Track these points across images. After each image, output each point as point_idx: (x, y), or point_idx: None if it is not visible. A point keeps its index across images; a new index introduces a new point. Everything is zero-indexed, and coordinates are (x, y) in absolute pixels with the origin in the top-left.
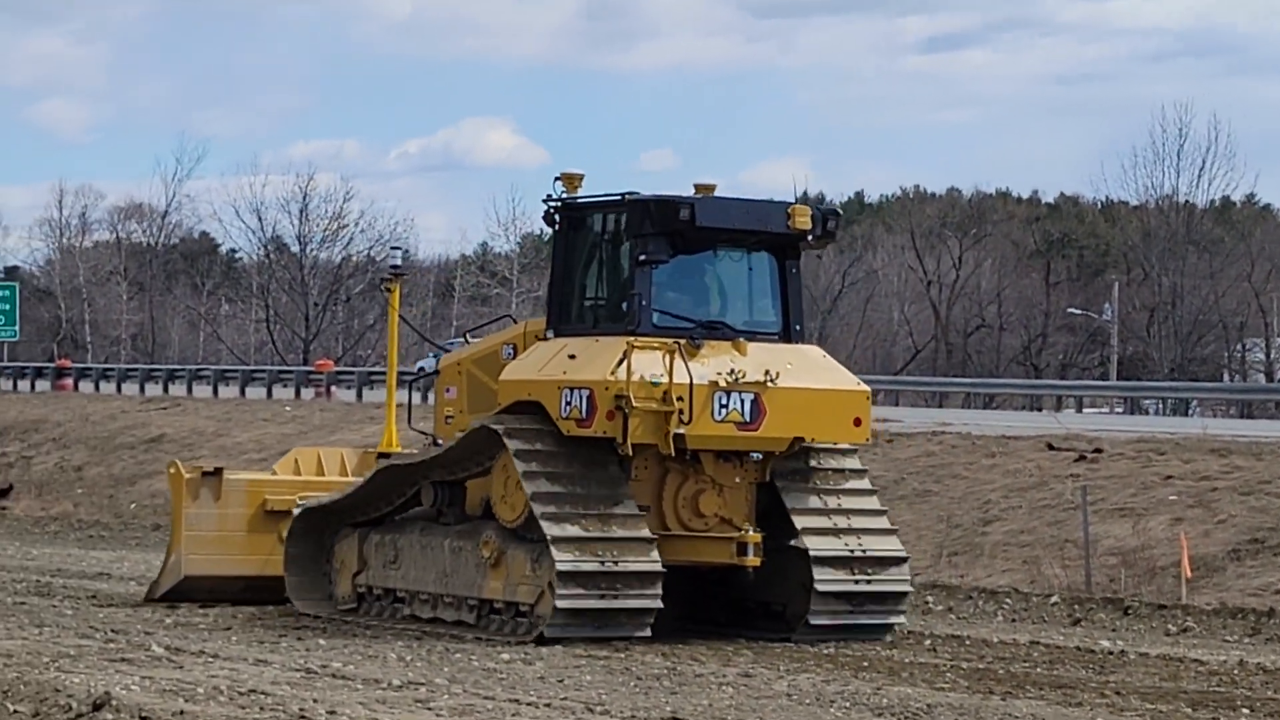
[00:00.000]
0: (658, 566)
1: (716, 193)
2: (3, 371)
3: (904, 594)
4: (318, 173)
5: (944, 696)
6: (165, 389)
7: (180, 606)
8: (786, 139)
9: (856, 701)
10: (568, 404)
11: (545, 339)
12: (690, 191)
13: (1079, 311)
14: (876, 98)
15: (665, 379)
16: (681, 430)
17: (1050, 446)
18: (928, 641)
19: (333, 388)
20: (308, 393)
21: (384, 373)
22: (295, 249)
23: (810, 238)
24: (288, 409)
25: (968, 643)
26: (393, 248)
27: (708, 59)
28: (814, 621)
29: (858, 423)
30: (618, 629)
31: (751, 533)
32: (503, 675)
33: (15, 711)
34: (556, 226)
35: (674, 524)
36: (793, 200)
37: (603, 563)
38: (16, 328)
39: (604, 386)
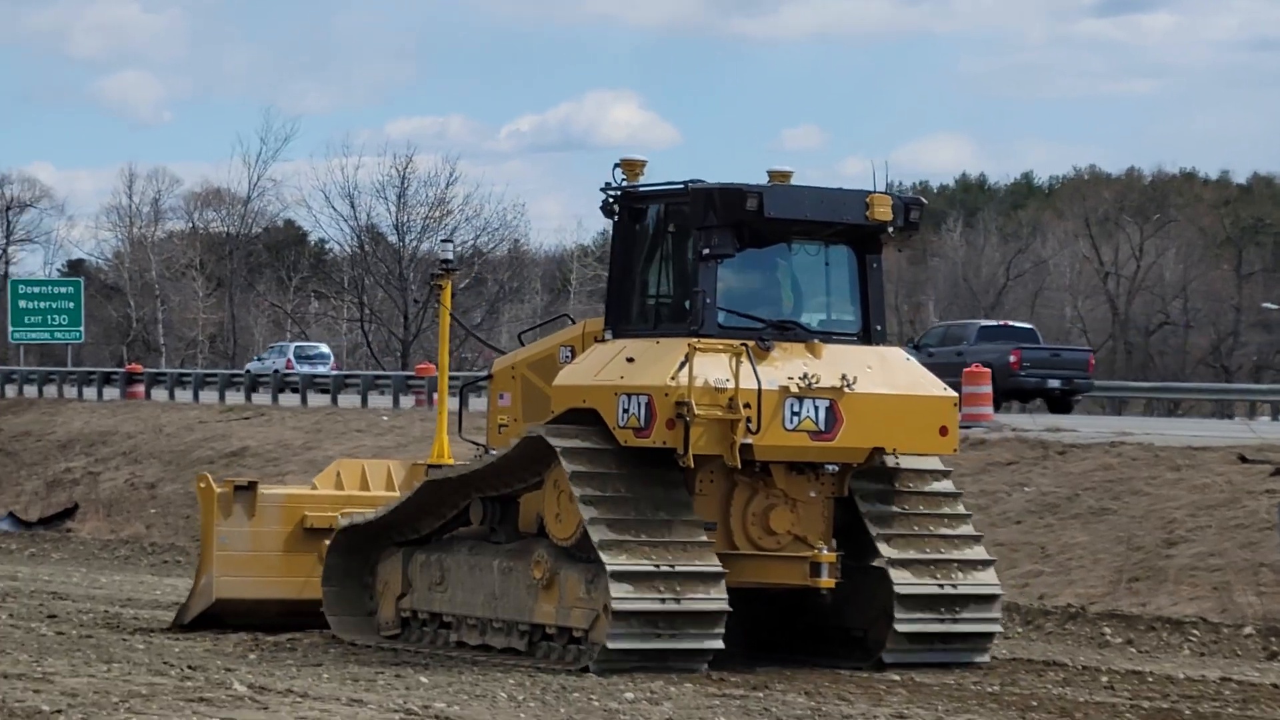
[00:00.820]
0: (724, 605)
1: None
2: (67, 378)
3: (994, 596)
4: (418, 154)
5: None
6: (248, 397)
7: (264, 641)
8: (945, 114)
9: None
10: (625, 411)
11: (603, 340)
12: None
13: (1275, 306)
14: (1046, 67)
15: (731, 384)
16: (749, 440)
17: (1243, 459)
18: (1104, 678)
19: (434, 395)
20: (407, 400)
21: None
22: (393, 239)
23: (891, 229)
24: (384, 418)
25: (1150, 680)
26: (443, 241)
27: (856, 25)
28: (900, 629)
29: (944, 432)
30: (683, 639)
31: (826, 552)
32: (626, 717)
33: None
34: (616, 218)
35: (742, 542)
36: (874, 189)
37: (664, 600)
38: (81, 329)
39: (663, 393)
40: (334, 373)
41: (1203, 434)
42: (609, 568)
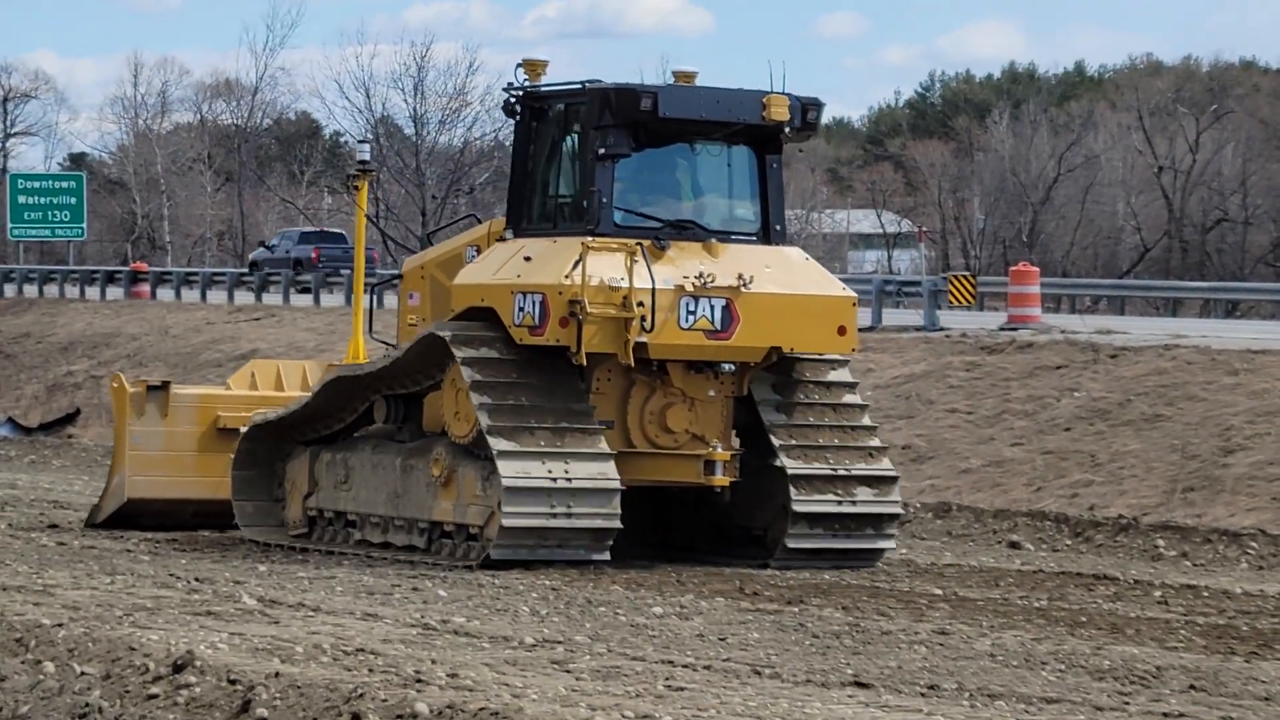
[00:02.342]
0: (614, 483)
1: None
2: (69, 277)
3: (893, 516)
4: (436, 41)
5: (1176, 657)
6: (258, 296)
7: (274, 551)
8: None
9: (1072, 664)
10: (521, 310)
11: (504, 240)
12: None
13: None
14: None
15: (625, 283)
16: (644, 339)
17: None
18: (1158, 592)
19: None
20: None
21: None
22: (409, 131)
23: (788, 129)
24: None
25: (1205, 594)
26: (360, 142)
27: None
28: (791, 545)
29: (842, 331)
30: (573, 551)
31: (720, 450)
32: (654, 632)
33: (83, 673)
34: (518, 118)
35: (640, 441)
36: (770, 89)
37: (554, 478)
38: (84, 225)
39: (557, 291)
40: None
41: (1262, 336)
42: (498, 448)
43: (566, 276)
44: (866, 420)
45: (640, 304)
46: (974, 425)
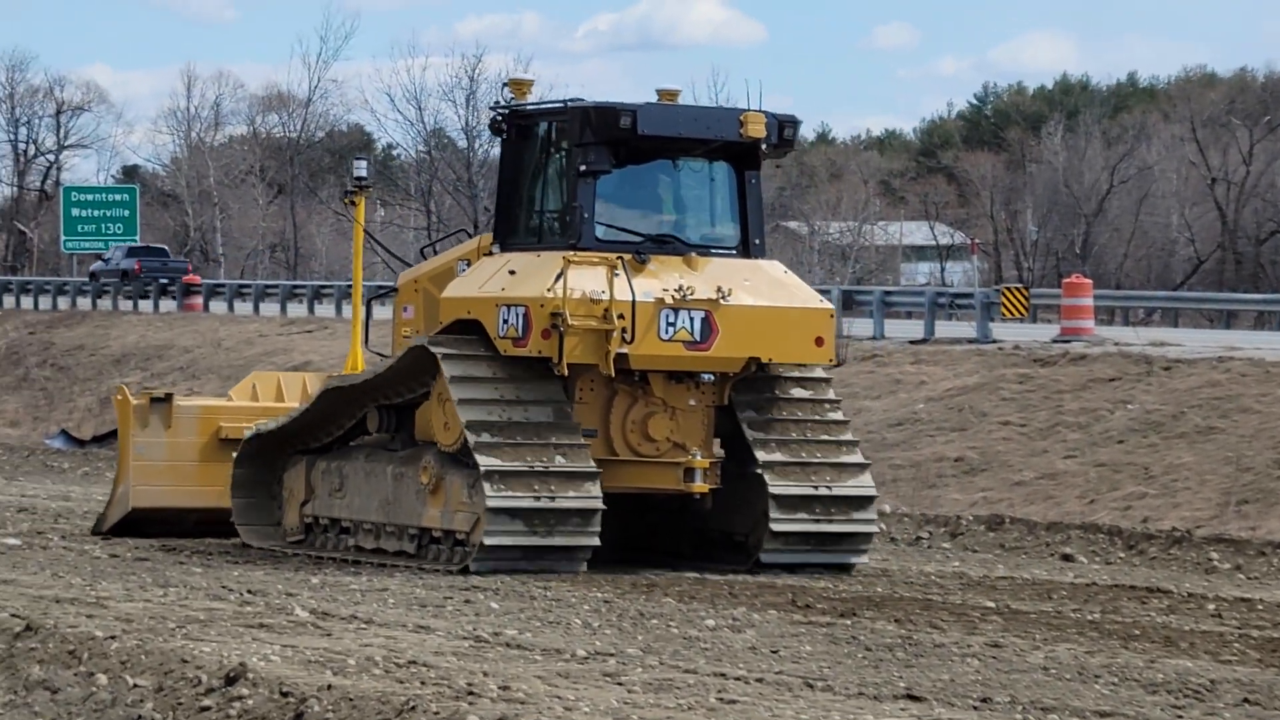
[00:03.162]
0: (597, 503)
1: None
2: (122, 289)
3: (870, 498)
4: (487, 53)
5: (1230, 671)
6: (310, 309)
7: (326, 564)
8: (1046, 9)
9: (1125, 676)
10: (505, 322)
11: (491, 254)
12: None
13: None
14: None
15: (606, 296)
16: (624, 350)
17: None
18: (1211, 606)
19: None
20: None
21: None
22: (461, 144)
23: (765, 146)
24: None
25: (1259, 607)
26: (357, 158)
27: None
28: (775, 529)
29: (820, 342)
30: (552, 564)
31: (699, 457)
32: (706, 645)
33: (136, 685)
34: (504, 136)
35: (622, 449)
36: (747, 108)
37: (538, 498)
38: (137, 237)
39: (539, 304)
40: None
41: None
42: (483, 468)
43: (549, 289)
44: (840, 416)
45: (621, 316)
46: (1027, 438)
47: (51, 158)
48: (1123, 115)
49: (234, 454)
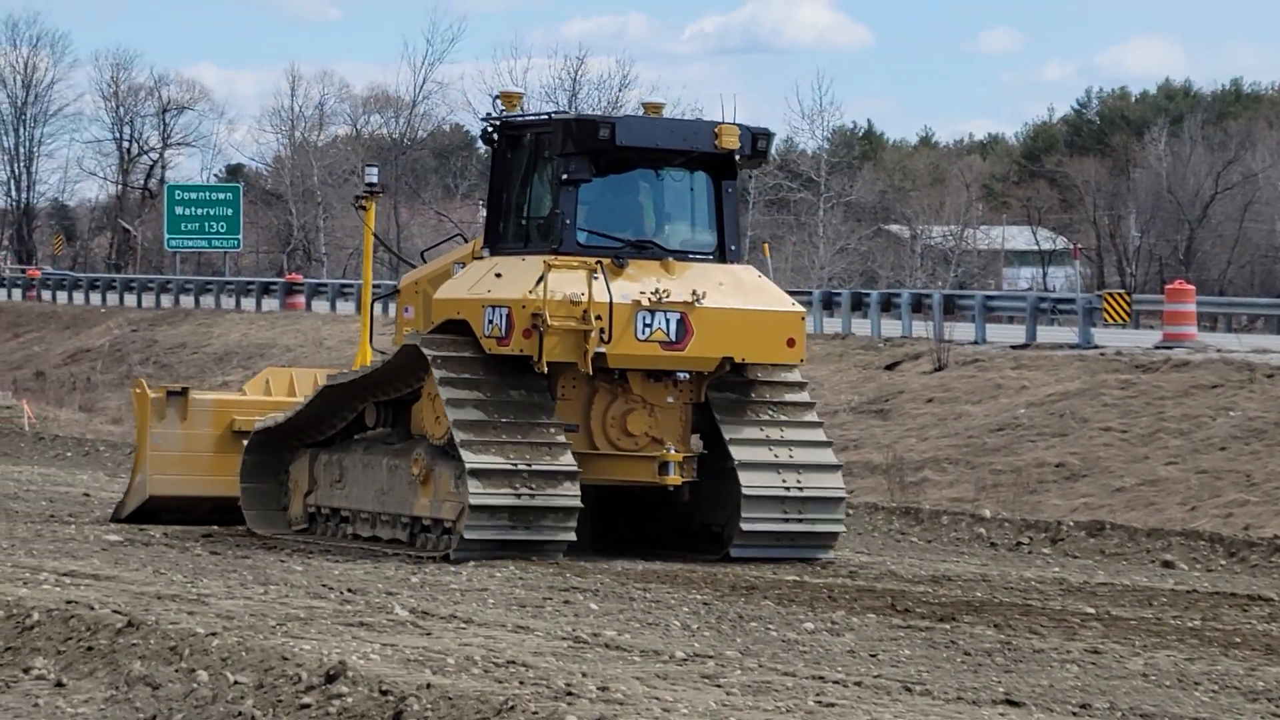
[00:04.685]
0: (576, 502)
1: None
2: (225, 288)
3: (839, 499)
4: (590, 55)
5: None
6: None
7: (426, 563)
8: (1151, 15)
9: (1225, 684)
10: (490, 322)
11: (481, 258)
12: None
13: None
14: None
15: (585, 297)
16: (603, 349)
17: None
18: None
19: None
20: None
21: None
22: None
23: (739, 157)
24: None
25: None
26: (367, 166)
27: None
28: (745, 528)
29: (791, 343)
30: (538, 530)
31: (673, 451)
32: (805, 648)
33: (236, 682)
34: (495, 146)
35: (602, 443)
36: (722, 119)
37: (518, 495)
38: (239, 236)
39: (521, 305)
40: None
41: None
42: (468, 466)
43: (530, 291)
44: (813, 416)
45: (598, 317)
46: (1128, 444)
47: (155, 156)
48: (1227, 121)
49: (244, 443)
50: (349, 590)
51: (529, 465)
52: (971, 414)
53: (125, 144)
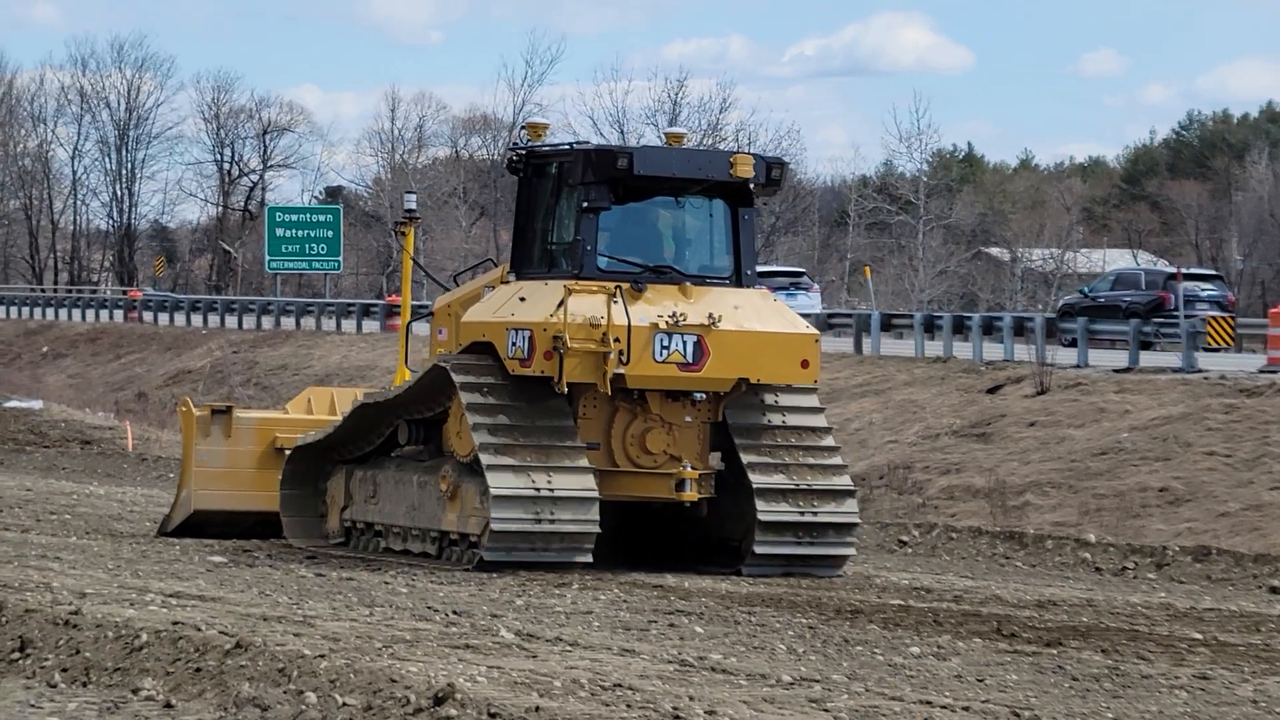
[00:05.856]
0: (593, 493)
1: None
2: (325, 309)
3: (852, 525)
4: (690, 78)
5: None
6: None
7: (531, 585)
8: (1254, 37)
9: None
10: (513, 344)
11: (508, 282)
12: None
13: None
14: None
15: (604, 320)
16: (621, 370)
17: None
18: None
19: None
20: None
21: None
22: None
23: (753, 185)
24: None
25: None
26: (407, 193)
27: None
28: (759, 551)
29: (805, 364)
30: (555, 553)
31: (689, 469)
32: (912, 673)
33: (345, 704)
34: (521, 175)
35: (622, 460)
36: (736, 149)
37: (537, 488)
38: (339, 258)
39: (542, 328)
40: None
41: None
42: (492, 491)
43: (551, 315)
44: (830, 441)
45: (617, 339)
46: (1232, 468)
47: (255, 178)
48: None
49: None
50: (454, 612)
51: (550, 490)
52: (1074, 438)
53: (226, 166)
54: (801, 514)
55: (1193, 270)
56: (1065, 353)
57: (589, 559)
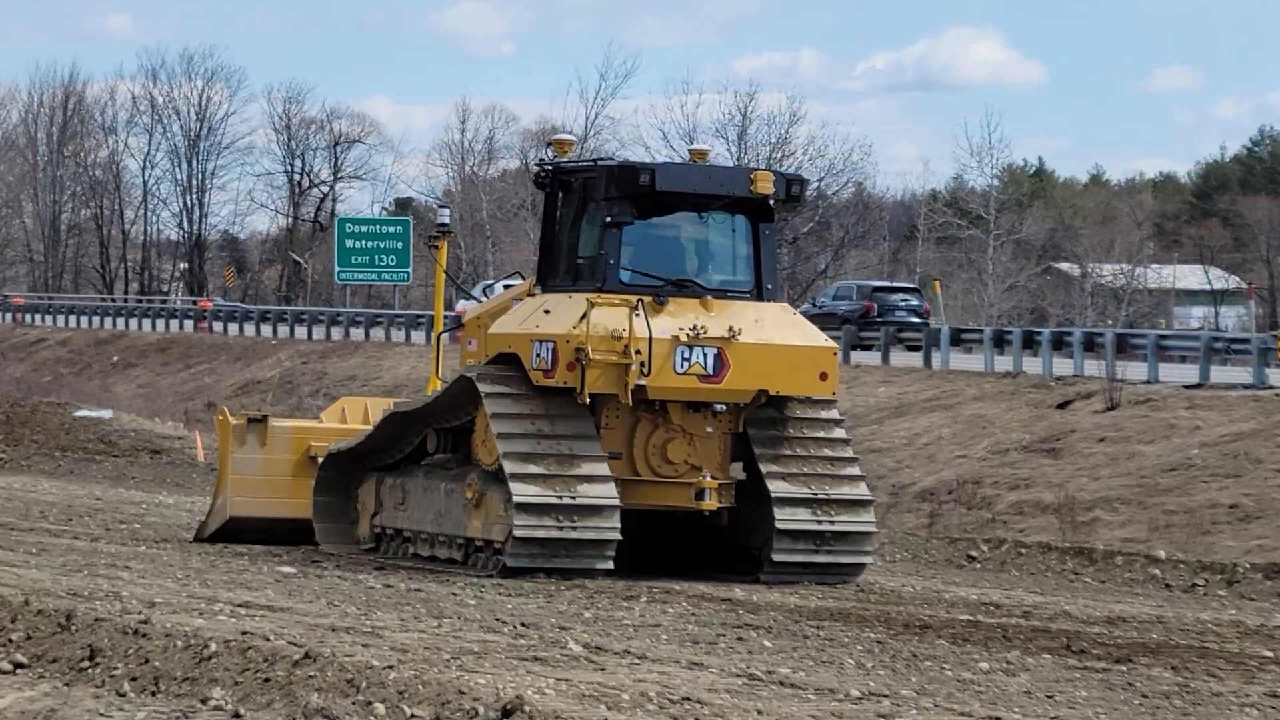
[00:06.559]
0: (614, 500)
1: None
2: (394, 320)
3: (869, 534)
4: (760, 91)
5: None
6: None
7: (599, 597)
8: None
9: None
10: (537, 355)
11: (534, 295)
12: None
13: None
14: None
15: (626, 333)
16: (642, 381)
17: None
18: None
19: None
20: None
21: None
22: None
23: (773, 201)
24: None
25: None
26: (440, 206)
27: None
28: (777, 559)
29: (824, 377)
30: (577, 560)
31: (709, 478)
32: (980, 688)
33: (413, 715)
34: (547, 190)
35: (644, 470)
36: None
37: (559, 496)
38: (409, 270)
39: (565, 339)
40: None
41: None
42: (515, 500)
43: (574, 327)
44: (848, 452)
45: (638, 351)
46: None
47: (326, 189)
48: None
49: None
50: (522, 624)
51: (573, 498)
52: (1144, 454)
53: (296, 177)
54: (819, 522)
55: (894, 284)
56: (1135, 368)
57: (610, 566)
